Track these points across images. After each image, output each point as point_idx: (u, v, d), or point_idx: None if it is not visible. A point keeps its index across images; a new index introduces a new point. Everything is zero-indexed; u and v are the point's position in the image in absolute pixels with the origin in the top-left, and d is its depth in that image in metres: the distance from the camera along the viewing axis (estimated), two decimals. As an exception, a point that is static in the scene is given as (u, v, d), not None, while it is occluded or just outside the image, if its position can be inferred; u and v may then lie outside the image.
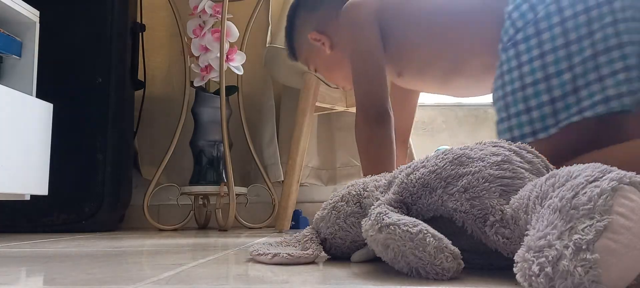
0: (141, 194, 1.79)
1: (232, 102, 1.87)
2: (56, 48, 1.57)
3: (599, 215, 0.42)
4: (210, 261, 0.73)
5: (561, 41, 0.77)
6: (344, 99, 1.73)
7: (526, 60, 0.80)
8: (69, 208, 1.58)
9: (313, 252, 0.70)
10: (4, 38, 1.28)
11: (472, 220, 0.56)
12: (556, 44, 0.77)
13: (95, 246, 1.01)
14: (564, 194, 0.46)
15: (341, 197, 0.74)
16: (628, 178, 0.45)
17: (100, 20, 1.65)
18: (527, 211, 0.51)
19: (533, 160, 0.62)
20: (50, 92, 1.39)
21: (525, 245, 0.45)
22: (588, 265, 0.40)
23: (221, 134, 1.68)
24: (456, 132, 2.06)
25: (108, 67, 1.64)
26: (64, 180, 1.51)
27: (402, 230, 0.54)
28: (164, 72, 2.05)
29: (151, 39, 1.99)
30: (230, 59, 1.76)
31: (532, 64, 0.79)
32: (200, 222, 1.85)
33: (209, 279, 0.55)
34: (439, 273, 0.53)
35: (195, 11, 1.77)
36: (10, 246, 1.03)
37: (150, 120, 1.95)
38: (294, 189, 1.63)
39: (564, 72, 0.76)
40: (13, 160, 1.20)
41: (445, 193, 0.58)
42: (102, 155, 1.61)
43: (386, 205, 0.60)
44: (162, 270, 0.62)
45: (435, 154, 0.63)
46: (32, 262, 0.75)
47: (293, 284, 0.52)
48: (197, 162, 1.80)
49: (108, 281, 0.54)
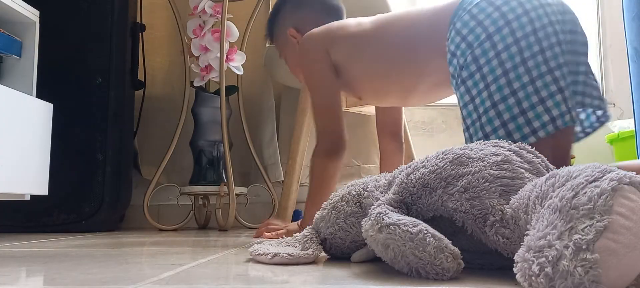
0: (141, 194, 1.78)
1: (232, 102, 1.87)
2: (56, 48, 1.57)
3: (599, 215, 0.42)
4: (210, 261, 0.73)
5: (500, 71, 0.86)
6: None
7: (476, 94, 0.89)
8: (69, 208, 1.58)
9: (313, 252, 0.70)
10: (4, 38, 1.28)
11: (472, 220, 0.56)
12: (496, 74, 0.86)
13: (95, 246, 1.01)
14: (564, 194, 0.46)
15: (341, 197, 0.74)
16: (628, 178, 0.45)
17: (100, 20, 1.65)
18: (527, 211, 0.51)
19: (533, 160, 0.62)
20: (50, 92, 1.39)
21: (525, 245, 0.45)
22: (588, 265, 0.40)
23: (221, 134, 1.68)
24: (456, 132, 2.05)
25: (108, 67, 1.64)
26: (64, 180, 1.51)
27: (402, 230, 0.54)
28: (164, 72, 2.05)
29: (151, 39, 1.99)
30: (230, 59, 1.76)
31: (481, 96, 0.88)
32: (200, 222, 1.85)
33: (209, 279, 0.55)
34: (439, 273, 0.53)
35: (195, 11, 1.77)
36: (10, 246, 1.03)
37: (150, 120, 1.95)
38: (294, 189, 1.63)
39: (508, 98, 0.85)
40: (13, 160, 1.20)
41: (445, 193, 0.58)
42: (102, 155, 1.61)
43: (386, 205, 0.60)
44: (162, 270, 0.62)
45: (435, 154, 0.63)
46: (32, 262, 0.75)
47: (293, 284, 0.52)
48: (197, 162, 1.80)
49: (108, 281, 0.54)
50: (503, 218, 0.54)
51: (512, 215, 0.53)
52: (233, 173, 1.68)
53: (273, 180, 1.88)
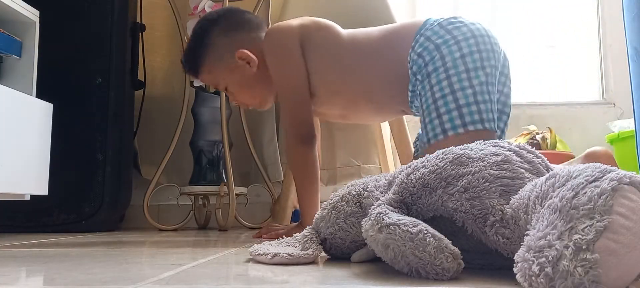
0: (141, 194, 1.78)
1: (232, 102, 1.87)
2: (56, 48, 1.57)
3: (599, 215, 0.42)
4: (210, 261, 0.73)
5: (462, 68, 1.04)
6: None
7: (436, 82, 1.05)
8: (69, 208, 1.58)
9: (313, 252, 0.70)
10: (4, 38, 1.28)
11: (472, 220, 0.56)
12: (459, 69, 1.04)
13: (95, 246, 1.01)
14: (564, 194, 0.46)
15: (341, 197, 0.74)
16: (628, 178, 0.45)
17: (100, 20, 1.65)
18: (527, 211, 0.51)
19: (533, 160, 0.62)
20: (50, 92, 1.39)
21: (526, 245, 0.45)
22: (588, 265, 0.40)
23: (221, 134, 1.68)
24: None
25: (108, 67, 1.64)
26: (64, 180, 1.51)
27: (402, 230, 0.54)
28: (164, 72, 2.05)
29: (151, 39, 1.99)
30: (230, 59, 1.76)
31: (441, 83, 1.05)
32: (200, 222, 1.85)
33: (209, 279, 0.55)
34: (439, 273, 0.53)
35: (195, 11, 1.77)
36: (10, 246, 1.03)
37: (150, 120, 1.95)
38: (293, 189, 1.62)
39: (466, 89, 1.03)
40: (13, 160, 1.20)
41: (446, 193, 0.58)
42: (102, 155, 1.61)
43: (386, 205, 0.60)
44: (162, 270, 0.62)
45: (435, 154, 0.63)
46: (32, 262, 0.75)
47: (293, 284, 0.52)
48: (197, 162, 1.80)
49: (108, 281, 0.54)
50: (503, 218, 0.54)
51: (512, 215, 0.53)
52: (233, 173, 1.68)
53: (273, 180, 1.89)
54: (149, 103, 1.93)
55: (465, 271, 0.57)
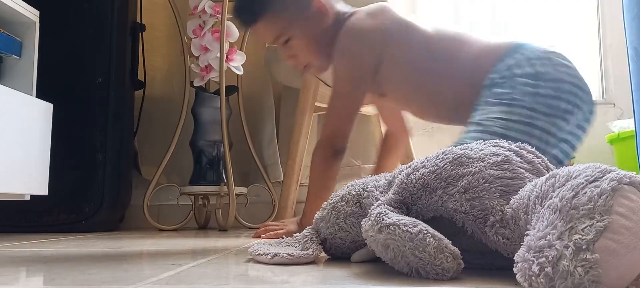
0: (141, 194, 1.78)
1: (232, 102, 1.87)
2: (56, 48, 1.57)
3: (599, 215, 0.42)
4: (210, 261, 0.73)
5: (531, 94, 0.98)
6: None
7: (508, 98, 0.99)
8: (69, 208, 1.58)
9: (313, 252, 0.70)
10: (4, 38, 1.28)
11: (472, 220, 0.56)
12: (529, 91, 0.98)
13: (95, 246, 1.01)
14: (564, 194, 0.46)
15: (341, 197, 0.74)
16: (628, 178, 0.45)
17: (100, 20, 1.65)
18: (527, 211, 0.51)
19: (533, 160, 0.62)
20: (50, 92, 1.39)
21: (526, 245, 0.45)
22: (588, 265, 0.40)
23: (221, 134, 1.68)
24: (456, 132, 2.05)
25: (108, 67, 1.64)
26: (64, 180, 1.51)
27: (402, 231, 0.54)
28: (164, 72, 2.05)
29: (151, 39, 1.99)
30: (230, 59, 1.76)
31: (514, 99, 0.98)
32: (200, 222, 1.85)
33: (209, 279, 0.55)
34: (439, 273, 0.53)
35: (195, 11, 1.77)
36: (10, 246, 1.03)
37: (150, 120, 1.95)
38: (294, 189, 1.62)
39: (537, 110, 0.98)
40: (13, 160, 1.20)
41: (445, 193, 0.58)
42: (102, 155, 1.61)
43: (386, 205, 0.60)
44: (162, 270, 0.62)
45: (435, 154, 0.63)
46: (32, 262, 0.75)
47: (293, 284, 0.52)
48: (197, 162, 1.80)
49: (108, 281, 0.53)
50: (503, 219, 0.54)
51: (512, 216, 0.53)
52: (233, 173, 1.68)
53: (273, 180, 1.88)
54: (149, 103, 1.93)
55: (465, 271, 0.57)
